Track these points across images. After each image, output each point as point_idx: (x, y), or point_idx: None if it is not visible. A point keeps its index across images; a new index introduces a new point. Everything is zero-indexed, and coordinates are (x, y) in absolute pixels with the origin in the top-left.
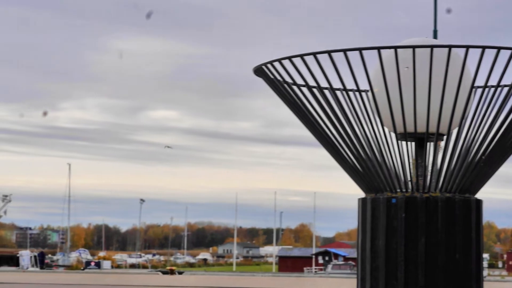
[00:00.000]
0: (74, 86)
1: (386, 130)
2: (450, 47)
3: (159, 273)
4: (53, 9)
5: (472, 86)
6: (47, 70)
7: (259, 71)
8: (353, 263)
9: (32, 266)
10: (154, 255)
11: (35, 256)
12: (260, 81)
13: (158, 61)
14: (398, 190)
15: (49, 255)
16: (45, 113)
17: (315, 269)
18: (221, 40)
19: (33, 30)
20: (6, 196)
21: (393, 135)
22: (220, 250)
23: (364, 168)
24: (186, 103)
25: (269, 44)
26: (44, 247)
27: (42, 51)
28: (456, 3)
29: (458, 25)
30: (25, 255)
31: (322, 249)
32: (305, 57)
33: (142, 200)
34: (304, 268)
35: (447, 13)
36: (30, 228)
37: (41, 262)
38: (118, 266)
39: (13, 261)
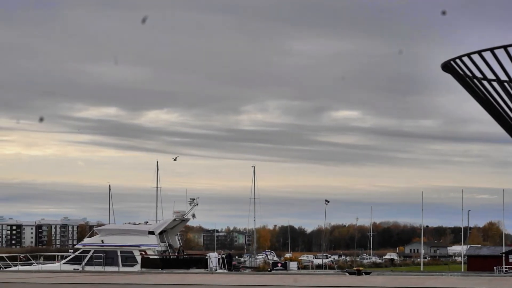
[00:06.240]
0: (255, 89)
1: None
2: None
3: (346, 273)
4: (232, 13)
5: None
6: (227, 74)
7: (447, 66)
8: None
9: (220, 268)
10: (340, 255)
11: (222, 258)
12: (441, 78)
13: (338, 61)
14: None
15: (236, 257)
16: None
17: (506, 268)
18: (400, 39)
19: (211, 35)
20: (193, 199)
21: None
22: (406, 249)
23: None
24: (367, 102)
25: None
26: (231, 249)
27: (222, 55)
28: None
29: None
30: (213, 257)
31: None
32: (496, 51)
33: (327, 201)
34: (494, 267)
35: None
36: (217, 231)
37: (228, 263)
38: (305, 267)
39: (201, 263)
